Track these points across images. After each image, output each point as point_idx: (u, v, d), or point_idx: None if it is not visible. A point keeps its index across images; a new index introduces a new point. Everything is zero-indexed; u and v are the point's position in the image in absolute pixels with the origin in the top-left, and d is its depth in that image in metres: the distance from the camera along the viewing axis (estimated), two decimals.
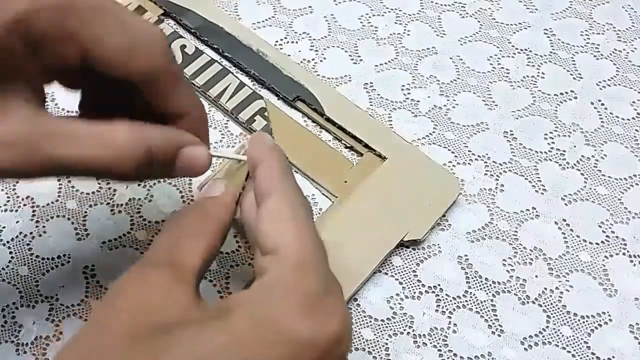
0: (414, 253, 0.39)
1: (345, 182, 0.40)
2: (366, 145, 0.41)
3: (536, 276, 0.38)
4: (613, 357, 0.36)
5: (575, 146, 0.43)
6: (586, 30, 0.48)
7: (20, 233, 0.38)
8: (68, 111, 0.43)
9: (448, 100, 0.44)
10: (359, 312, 0.37)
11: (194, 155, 0.30)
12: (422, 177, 0.40)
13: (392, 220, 0.38)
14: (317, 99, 0.43)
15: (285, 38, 0.47)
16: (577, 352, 0.36)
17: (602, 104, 0.44)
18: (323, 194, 0.40)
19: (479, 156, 0.42)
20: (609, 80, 0.46)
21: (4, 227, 0.39)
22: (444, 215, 0.40)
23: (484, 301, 0.37)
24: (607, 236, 0.40)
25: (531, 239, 0.39)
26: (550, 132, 0.43)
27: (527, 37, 0.47)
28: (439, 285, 0.38)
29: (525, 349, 0.36)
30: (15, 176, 0.27)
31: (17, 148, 0.26)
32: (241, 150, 0.38)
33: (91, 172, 0.27)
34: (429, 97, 0.44)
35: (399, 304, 0.37)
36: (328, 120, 0.42)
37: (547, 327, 0.37)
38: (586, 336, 0.36)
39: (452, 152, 0.42)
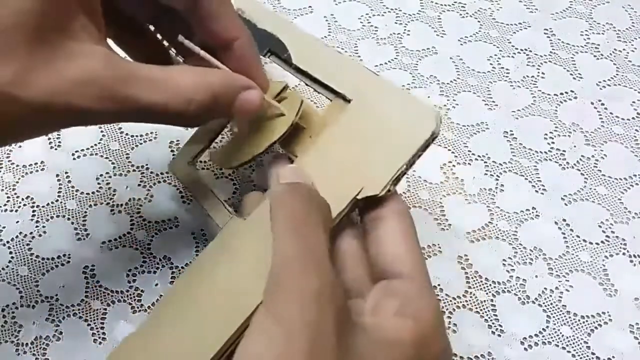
0: None
1: (310, 137, 0.34)
2: (333, 90, 0.35)
3: (536, 276, 0.38)
4: (613, 357, 0.36)
5: (575, 146, 0.43)
6: (586, 30, 0.48)
7: (20, 233, 0.38)
8: None
9: (448, 100, 0.44)
10: None
11: (249, 99, 0.31)
12: (389, 116, 0.32)
13: (347, 176, 0.31)
14: (286, 48, 0.37)
15: None
16: (577, 352, 0.36)
17: (602, 104, 0.44)
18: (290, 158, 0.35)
19: (479, 156, 0.42)
20: (609, 80, 0.46)
21: (4, 227, 0.39)
22: (442, 211, 0.40)
23: (484, 301, 0.37)
24: (607, 236, 0.40)
25: (531, 239, 0.39)
26: (550, 132, 0.43)
27: (527, 37, 0.47)
28: (439, 285, 0.38)
29: (525, 349, 0.36)
30: (88, 120, 0.28)
31: (93, 87, 0.26)
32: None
33: (160, 116, 0.28)
34: (429, 97, 0.44)
35: None
36: (297, 69, 0.36)
37: (547, 327, 0.37)
38: (586, 336, 0.36)
39: (452, 152, 0.42)
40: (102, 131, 0.42)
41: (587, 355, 0.36)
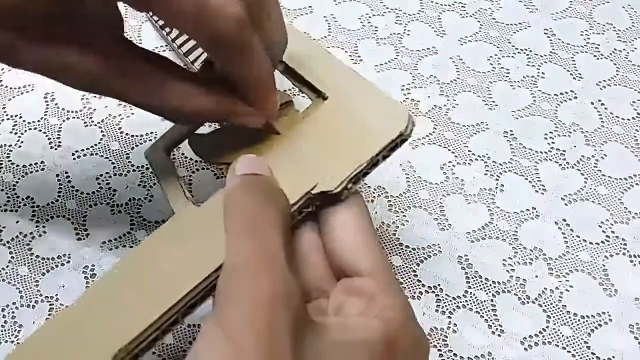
0: (414, 253, 0.39)
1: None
2: (314, 89, 0.33)
3: (536, 276, 0.38)
4: (613, 357, 0.36)
5: (575, 146, 0.43)
6: (586, 30, 0.48)
7: (20, 233, 0.38)
8: (68, 111, 0.43)
9: (448, 100, 0.44)
10: None
11: (247, 122, 0.31)
12: (361, 115, 0.31)
13: (307, 171, 0.30)
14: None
15: None
16: (577, 352, 0.36)
17: (602, 104, 0.44)
18: None
19: (479, 156, 0.42)
20: (609, 80, 0.46)
21: (4, 227, 0.39)
22: (442, 211, 0.39)
23: (484, 301, 0.37)
24: (607, 236, 0.40)
25: (531, 239, 0.39)
26: (550, 132, 0.43)
27: (527, 37, 0.47)
28: (439, 285, 0.38)
29: (525, 349, 0.36)
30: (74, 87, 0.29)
31: (88, 77, 0.27)
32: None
33: (156, 113, 0.30)
34: (429, 97, 0.44)
35: None
36: (285, 67, 0.35)
37: (547, 327, 0.37)
38: (586, 336, 0.36)
39: (452, 152, 0.42)
40: (102, 131, 0.42)
41: (587, 355, 0.36)
